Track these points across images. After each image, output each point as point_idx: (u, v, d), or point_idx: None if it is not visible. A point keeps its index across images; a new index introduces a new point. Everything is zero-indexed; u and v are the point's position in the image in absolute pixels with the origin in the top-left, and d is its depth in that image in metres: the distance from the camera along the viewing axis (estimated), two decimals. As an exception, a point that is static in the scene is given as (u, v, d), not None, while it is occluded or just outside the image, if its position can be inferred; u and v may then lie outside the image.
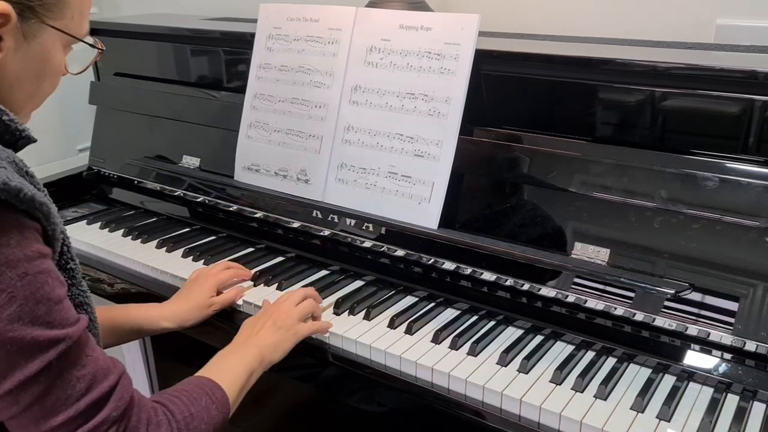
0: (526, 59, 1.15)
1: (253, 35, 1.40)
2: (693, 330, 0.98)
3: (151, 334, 1.18)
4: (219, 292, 1.21)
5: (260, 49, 1.40)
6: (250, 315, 1.20)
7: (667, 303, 0.99)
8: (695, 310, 0.98)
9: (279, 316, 1.07)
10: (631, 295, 1.02)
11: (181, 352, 1.82)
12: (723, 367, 0.97)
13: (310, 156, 1.33)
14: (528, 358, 1.02)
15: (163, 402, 0.82)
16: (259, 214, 1.41)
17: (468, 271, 1.16)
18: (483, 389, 0.97)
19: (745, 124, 0.98)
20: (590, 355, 1.04)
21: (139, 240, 1.47)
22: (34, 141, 0.79)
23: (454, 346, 1.06)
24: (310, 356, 1.12)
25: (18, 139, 0.77)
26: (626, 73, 1.06)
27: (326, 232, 1.31)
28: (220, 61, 1.55)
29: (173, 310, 1.16)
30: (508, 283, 1.12)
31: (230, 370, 0.95)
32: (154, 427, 0.77)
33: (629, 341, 1.04)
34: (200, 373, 0.93)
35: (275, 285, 1.25)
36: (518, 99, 1.18)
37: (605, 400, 0.94)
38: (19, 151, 0.78)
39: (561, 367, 1.00)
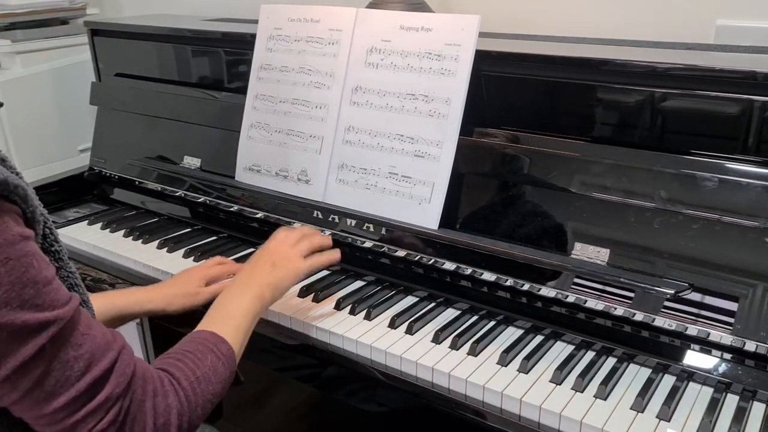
0: (526, 60, 1.15)
1: (253, 36, 1.41)
2: (693, 330, 0.98)
3: (136, 317, 1.17)
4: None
5: (261, 49, 1.40)
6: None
7: (666, 303, 1.00)
8: (695, 310, 0.98)
9: (278, 256, 1.05)
10: (631, 295, 1.02)
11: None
12: (723, 367, 0.97)
13: (311, 156, 1.33)
14: (528, 358, 1.02)
15: (167, 368, 0.80)
16: (259, 215, 1.41)
17: (468, 271, 1.16)
18: (483, 389, 0.97)
19: (745, 124, 0.98)
20: (590, 355, 1.05)
21: (140, 240, 1.47)
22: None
23: (454, 346, 1.06)
24: (311, 356, 1.13)
25: None
26: (626, 73, 1.06)
27: (327, 233, 1.31)
28: (220, 62, 1.56)
29: (159, 293, 1.15)
30: (508, 283, 1.13)
31: (232, 318, 0.93)
32: (161, 398, 0.76)
33: (629, 341, 1.04)
34: (202, 323, 0.91)
35: (276, 285, 1.25)
36: (518, 99, 1.19)
37: (605, 400, 0.94)
38: None
39: (561, 367, 1.00)
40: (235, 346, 0.89)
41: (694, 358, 0.99)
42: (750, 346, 0.94)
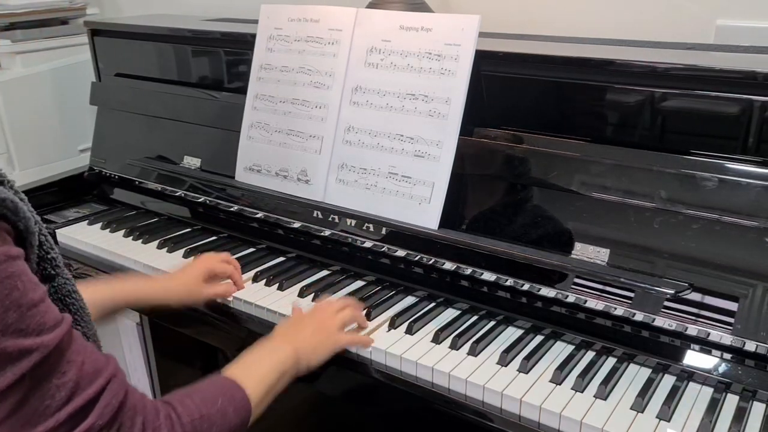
0: (526, 60, 1.15)
1: (253, 36, 1.41)
2: (693, 330, 0.98)
3: (137, 307, 1.17)
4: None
5: (261, 49, 1.40)
6: (248, 314, 1.21)
7: (666, 303, 1.00)
8: (695, 310, 0.98)
9: (321, 320, 1.03)
10: (631, 295, 1.02)
11: (181, 352, 1.83)
12: (723, 367, 0.97)
13: (311, 156, 1.33)
14: (528, 358, 1.02)
15: (171, 403, 0.77)
16: (259, 215, 1.41)
17: (468, 271, 1.16)
18: (483, 389, 0.97)
19: (745, 124, 0.98)
20: (590, 355, 1.05)
21: (140, 240, 1.47)
22: None
23: (454, 346, 1.06)
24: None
25: None
26: (626, 73, 1.06)
27: (327, 233, 1.31)
28: (220, 62, 1.56)
29: (160, 284, 1.16)
30: (508, 283, 1.13)
31: (258, 371, 0.90)
32: (151, 431, 0.72)
33: (629, 341, 1.04)
34: (227, 369, 0.89)
35: (276, 285, 1.25)
36: (518, 99, 1.19)
37: (605, 400, 0.94)
38: None
39: (561, 367, 1.00)
40: (253, 397, 0.86)
41: (694, 358, 0.99)
42: (750, 346, 0.94)
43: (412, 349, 1.06)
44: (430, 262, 1.20)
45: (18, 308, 0.63)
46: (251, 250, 1.42)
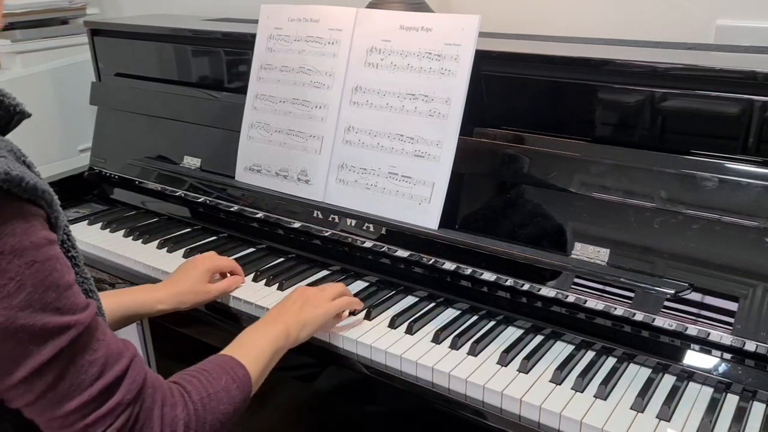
0: (526, 60, 1.15)
1: (253, 36, 1.41)
2: (693, 330, 0.98)
3: (145, 317, 1.18)
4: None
5: (261, 49, 1.40)
6: (248, 314, 1.21)
7: (666, 303, 1.00)
8: (695, 310, 0.98)
9: (308, 297, 1.08)
10: (631, 295, 1.02)
11: (181, 352, 1.83)
12: (723, 367, 0.97)
13: (311, 156, 1.33)
14: (528, 358, 1.02)
15: (180, 382, 0.82)
16: (260, 215, 1.41)
17: (468, 271, 1.16)
18: (483, 389, 0.97)
19: (745, 124, 0.98)
20: (590, 355, 1.05)
21: (141, 240, 1.47)
22: (29, 115, 0.79)
23: (454, 346, 1.06)
24: (311, 356, 1.13)
25: (13, 115, 0.78)
26: (626, 73, 1.06)
27: (327, 233, 1.31)
28: (221, 62, 1.56)
29: (169, 292, 1.16)
30: (508, 283, 1.13)
31: (254, 348, 0.95)
32: (169, 408, 0.77)
33: (629, 341, 1.04)
34: (224, 350, 0.93)
35: (276, 285, 1.26)
36: (518, 99, 1.19)
37: (605, 399, 0.94)
38: (15, 128, 0.79)
39: (561, 367, 1.00)
40: (253, 373, 0.90)
41: (694, 358, 0.99)
42: (750, 346, 0.94)
43: (412, 349, 1.06)
44: (430, 262, 1.20)
45: (56, 288, 0.68)
46: (251, 250, 1.42)
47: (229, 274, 1.26)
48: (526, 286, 1.11)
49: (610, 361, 1.03)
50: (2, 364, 0.67)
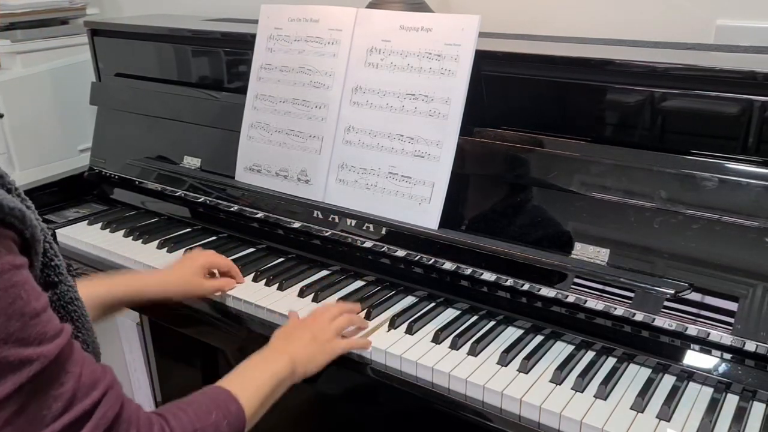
0: (526, 60, 1.15)
1: (253, 36, 1.41)
2: (693, 330, 0.98)
3: (136, 305, 1.17)
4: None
5: (261, 49, 1.40)
6: (248, 314, 1.21)
7: (666, 303, 1.00)
8: (695, 310, 0.98)
9: (317, 329, 1.03)
10: (631, 295, 1.02)
11: (181, 352, 1.83)
12: (723, 367, 0.97)
13: (311, 156, 1.33)
14: (528, 358, 1.02)
15: (165, 415, 0.77)
16: (259, 215, 1.41)
17: (468, 271, 1.16)
18: (483, 389, 0.97)
19: (745, 124, 0.98)
20: (590, 355, 1.05)
21: (140, 240, 1.47)
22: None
23: (454, 346, 1.06)
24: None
25: None
26: (626, 73, 1.06)
27: (327, 233, 1.31)
28: (220, 62, 1.56)
29: (159, 279, 1.15)
30: (508, 283, 1.13)
31: (253, 380, 0.90)
32: None
33: (629, 341, 1.04)
34: (223, 380, 0.88)
35: (276, 285, 1.25)
36: (518, 99, 1.19)
37: (605, 400, 0.94)
38: None
39: (561, 367, 1.00)
40: (248, 408, 0.85)
41: (694, 358, 0.99)
42: (750, 346, 0.94)
43: (412, 349, 1.06)
44: (430, 262, 1.20)
45: (21, 317, 0.63)
46: (251, 250, 1.42)
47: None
48: (526, 286, 1.11)
49: (610, 361, 1.03)
50: None
